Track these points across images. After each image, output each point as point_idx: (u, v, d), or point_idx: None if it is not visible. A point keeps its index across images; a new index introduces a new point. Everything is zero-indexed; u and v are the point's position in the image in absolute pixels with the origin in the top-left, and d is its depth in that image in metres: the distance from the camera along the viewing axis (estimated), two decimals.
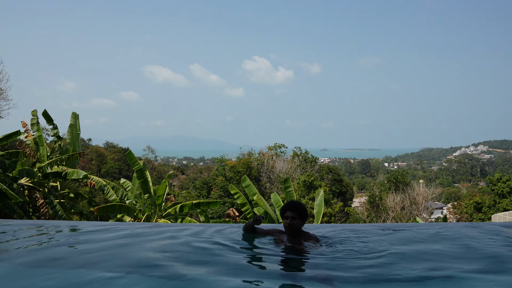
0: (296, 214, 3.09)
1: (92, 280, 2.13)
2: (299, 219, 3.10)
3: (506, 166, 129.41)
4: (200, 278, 2.21)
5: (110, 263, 2.50)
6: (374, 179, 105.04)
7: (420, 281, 2.19)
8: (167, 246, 3.04)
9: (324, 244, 3.00)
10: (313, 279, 2.25)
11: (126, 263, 2.48)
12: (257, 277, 2.27)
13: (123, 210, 11.76)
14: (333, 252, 2.75)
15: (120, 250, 2.87)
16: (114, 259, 2.60)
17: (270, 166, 32.80)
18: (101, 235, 3.41)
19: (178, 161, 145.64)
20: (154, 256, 2.67)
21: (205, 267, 2.44)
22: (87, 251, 2.83)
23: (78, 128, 14.53)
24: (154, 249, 2.91)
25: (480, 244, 3.05)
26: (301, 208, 3.11)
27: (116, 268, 2.37)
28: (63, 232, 3.60)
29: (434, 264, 2.53)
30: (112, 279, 2.15)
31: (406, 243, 3.13)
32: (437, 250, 2.88)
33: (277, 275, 2.32)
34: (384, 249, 2.85)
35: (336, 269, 2.35)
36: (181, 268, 2.40)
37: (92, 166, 50.71)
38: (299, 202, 3.19)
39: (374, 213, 26.92)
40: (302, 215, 3.11)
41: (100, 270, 2.32)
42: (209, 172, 46.23)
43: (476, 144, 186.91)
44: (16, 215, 11.60)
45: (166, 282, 2.15)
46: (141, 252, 2.79)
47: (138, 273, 2.30)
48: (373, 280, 2.20)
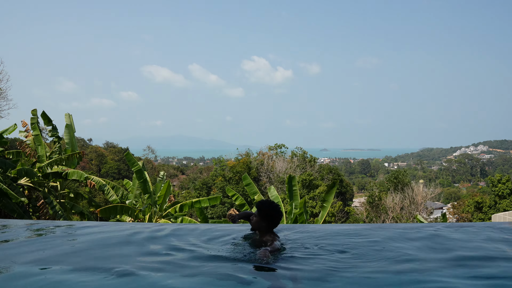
0: (257, 212, 3.05)
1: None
2: (258, 218, 3.01)
3: (506, 166, 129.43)
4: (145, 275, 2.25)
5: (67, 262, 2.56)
6: (374, 179, 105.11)
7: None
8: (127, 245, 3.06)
9: (275, 255, 2.68)
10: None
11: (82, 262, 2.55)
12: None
13: (124, 211, 11.81)
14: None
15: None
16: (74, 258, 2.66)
17: (270, 166, 32.83)
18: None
19: (178, 161, 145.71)
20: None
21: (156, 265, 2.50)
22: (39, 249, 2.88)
23: (74, 128, 14.59)
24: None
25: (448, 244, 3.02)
26: (261, 208, 3.02)
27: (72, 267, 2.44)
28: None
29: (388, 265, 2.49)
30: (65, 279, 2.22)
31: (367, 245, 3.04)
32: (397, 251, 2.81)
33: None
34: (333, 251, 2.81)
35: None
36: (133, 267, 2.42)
37: (92, 166, 50.74)
38: (266, 201, 3.07)
39: (374, 213, 26.94)
40: (261, 214, 3.00)
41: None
42: (208, 172, 46.24)
43: (476, 144, 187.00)
44: (16, 215, 11.63)
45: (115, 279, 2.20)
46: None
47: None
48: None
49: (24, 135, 14.38)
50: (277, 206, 3.05)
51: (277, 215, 2.99)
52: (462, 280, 2.17)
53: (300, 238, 3.24)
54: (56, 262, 2.52)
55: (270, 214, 2.97)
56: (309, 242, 3.09)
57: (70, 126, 14.35)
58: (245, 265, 2.46)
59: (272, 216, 2.98)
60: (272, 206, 3.02)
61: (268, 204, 3.03)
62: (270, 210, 2.98)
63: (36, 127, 13.69)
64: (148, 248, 2.95)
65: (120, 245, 3.01)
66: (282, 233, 3.38)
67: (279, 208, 3.06)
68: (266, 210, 2.98)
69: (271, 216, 2.97)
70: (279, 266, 2.45)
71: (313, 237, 3.26)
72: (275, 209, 3.00)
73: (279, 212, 3.01)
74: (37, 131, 13.64)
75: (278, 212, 3.00)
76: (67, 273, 2.30)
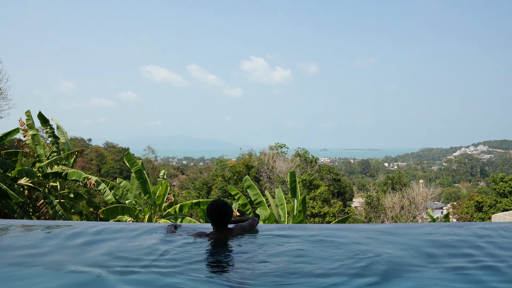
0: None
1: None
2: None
3: (506, 166, 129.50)
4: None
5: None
6: (374, 179, 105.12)
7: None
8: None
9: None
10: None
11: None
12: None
13: (125, 211, 11.82)
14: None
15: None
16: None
17: (270, 166, 32.85)
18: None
19: (178, 161, 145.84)
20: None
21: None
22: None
23: (63, 129, 14.75)
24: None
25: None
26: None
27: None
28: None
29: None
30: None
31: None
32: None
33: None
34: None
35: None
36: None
37: (92, 166, 50.75)
38: (211, 202, 3.19)
39: (373, 214, 26.97)
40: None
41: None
42: (209, 172, 46.27)
43: (476, 144, 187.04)
44: (16, 215, 11.64)
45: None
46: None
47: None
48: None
49: (23, 134, 14.38)
50: (208, 208, 3.14)
51: (208, 216, 3.10)
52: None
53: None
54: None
55: (208, 214, 3.11)
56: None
57: (60, 128, 14.56)
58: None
59: (208, 215, 3.11)
60: (209, 206, 3.15)
61: (209, 205, 3.17)
62: (208, 209, 3.12)
63: (32, 126, 13.70)
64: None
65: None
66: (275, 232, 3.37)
67: (209, 208, 3.13)
68: (207, 209, 3.14)
69: (208, 215, 3.11)
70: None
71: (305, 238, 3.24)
72: (207, 210, 3.13)
73: (208, 213, 3.10)
74: (34, 131, 13.65)
75: (208, 213, 3.10)
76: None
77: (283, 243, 3.01)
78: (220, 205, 3.12)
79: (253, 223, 3.35)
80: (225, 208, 3.12)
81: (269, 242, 3.04)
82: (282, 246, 2.92)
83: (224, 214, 3.10)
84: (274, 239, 3.14)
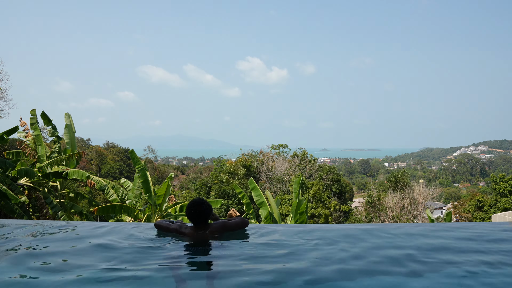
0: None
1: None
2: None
3: (506, 166, 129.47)
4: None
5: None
6: (374, 179, 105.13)
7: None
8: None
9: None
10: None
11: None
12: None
13: (123, 210, 11.79)
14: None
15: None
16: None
17: (269, 166, 32.81)
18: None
19: (178, 161, 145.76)
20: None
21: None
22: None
23: (73, 128, 14.58)
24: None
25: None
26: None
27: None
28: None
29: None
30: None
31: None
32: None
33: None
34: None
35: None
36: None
37: (92, 166, 50.73)
38: (192, 200, 3.29)
39: (373, 214, 26.95)
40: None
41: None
42: (208, 172, 46.24)
43: (476, 144, 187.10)
44: (16, 215, 11.62)
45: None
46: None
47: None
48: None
49: (23, 135, 14.37)
50: (187, 207, 3.24)
51: (187, 214, 3.22)
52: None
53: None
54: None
55: (186, 215, 3.24)
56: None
57: (69, 126, 14.34)
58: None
59: (186, 215, 3.23)
60: (188, 204, 3.26)
61: (188, 204, 3.28)
62: (188, 208, 3.23)
63: (36, 127, 13.69)
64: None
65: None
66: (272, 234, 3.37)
67: (187, 207, 3.24)
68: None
69: (186, 215, 3.24)
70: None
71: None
72: (185, 210, 3.25)
73: (186, 211, 3.22)
74: (37, 131, 13.64)
75: (186, 212, 3.22)
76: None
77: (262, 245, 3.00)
78: (197, 203, 3.19)
79: (240, 223, 3.36)
80: (202, 206, 3.17)
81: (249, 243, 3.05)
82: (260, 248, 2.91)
83: (200, 212, 3.15)
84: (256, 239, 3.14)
